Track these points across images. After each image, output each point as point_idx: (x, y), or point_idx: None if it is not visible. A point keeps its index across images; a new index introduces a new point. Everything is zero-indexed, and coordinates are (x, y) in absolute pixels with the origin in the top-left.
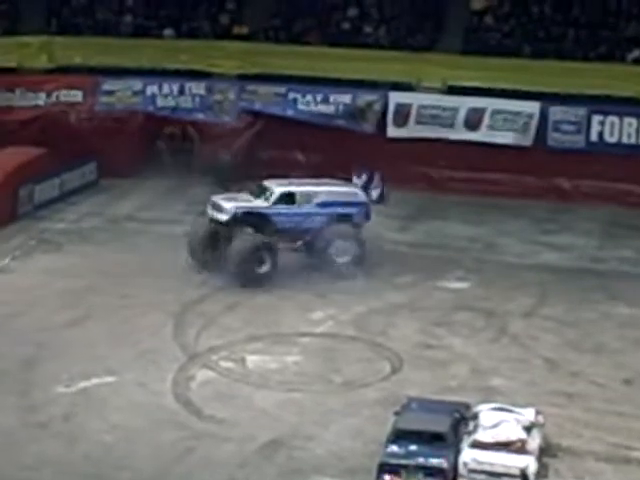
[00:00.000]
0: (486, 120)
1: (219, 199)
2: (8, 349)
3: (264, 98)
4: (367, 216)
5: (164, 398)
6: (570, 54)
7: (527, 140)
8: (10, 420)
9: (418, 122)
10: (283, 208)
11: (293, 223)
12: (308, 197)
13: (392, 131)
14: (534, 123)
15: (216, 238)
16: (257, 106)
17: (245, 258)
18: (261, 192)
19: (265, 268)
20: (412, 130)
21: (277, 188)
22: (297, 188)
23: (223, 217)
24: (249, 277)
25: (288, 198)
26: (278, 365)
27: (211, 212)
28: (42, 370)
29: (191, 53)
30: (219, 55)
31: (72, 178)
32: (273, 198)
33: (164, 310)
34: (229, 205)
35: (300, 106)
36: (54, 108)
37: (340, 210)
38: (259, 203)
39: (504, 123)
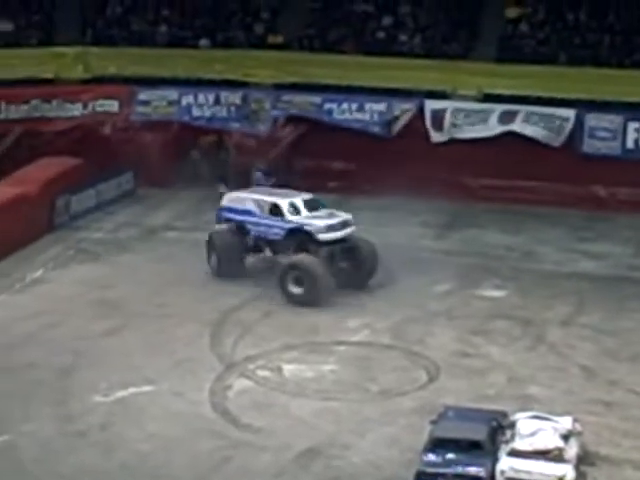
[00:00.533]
0: (520, 117)
1: (332, 220)
2: (45, 358)
3: (299, 107)
4: None
5: (201, 407)
6: (606, 61)
7: (557, 141)
8: (48, 429)
9: (453, 125)
10: None
11: None
12: None
13: (435, 137)
14: (569, 126)
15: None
16: (292, 114)
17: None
18: (311, 205)
19: None
20: (448, 133)
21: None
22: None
23: (351, 228)
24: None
25: None
26: (314, 374)
27: (335, 234)
28: (79, 379)
29: (226, 63)
30: (254, 65)
31: (108, 188)
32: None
33: (200, 319)
34: (347, 216)
35: (336, 115)
36: (90, 118)
37: None
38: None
39: (539, 120)
